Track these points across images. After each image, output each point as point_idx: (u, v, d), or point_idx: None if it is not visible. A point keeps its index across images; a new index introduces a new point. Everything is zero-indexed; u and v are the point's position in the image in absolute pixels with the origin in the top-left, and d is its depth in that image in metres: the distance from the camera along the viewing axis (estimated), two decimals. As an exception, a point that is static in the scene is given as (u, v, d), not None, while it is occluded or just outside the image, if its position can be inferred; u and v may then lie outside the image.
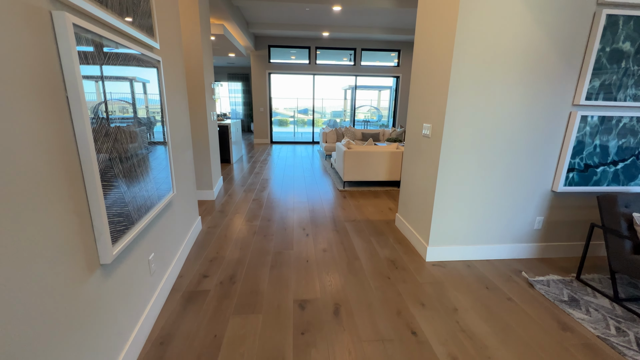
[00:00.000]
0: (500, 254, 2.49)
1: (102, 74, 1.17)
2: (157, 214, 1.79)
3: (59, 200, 0.95)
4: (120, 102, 1.32)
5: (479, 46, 2.04)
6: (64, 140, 0.98)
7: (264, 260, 2.40)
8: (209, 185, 3.82)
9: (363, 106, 13.02)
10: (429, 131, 2.40)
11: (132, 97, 1.45)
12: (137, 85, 1.51)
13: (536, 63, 2.10)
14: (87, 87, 1.06)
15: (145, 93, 1.63)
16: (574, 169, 2.31)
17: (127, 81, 1.40)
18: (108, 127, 1.20)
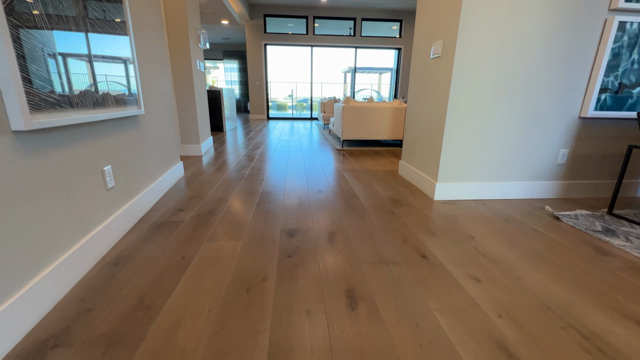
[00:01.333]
0: (519, 192, 2.20)
1: None
2: (114, 123, 1.49)
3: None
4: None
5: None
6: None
7: (251, 198, 2.11)
8: (195, 140, 3.51)
9: (363, 89, 12.61)
10: (439, 48, 2.08)
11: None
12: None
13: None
14: None
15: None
16: (607, 89, 1.99)
17: None
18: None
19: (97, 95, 1.31)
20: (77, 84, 1.17)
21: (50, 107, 1.01)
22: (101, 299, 1.06)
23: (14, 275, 0.88)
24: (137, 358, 0.82)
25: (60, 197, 1.09)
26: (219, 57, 12.02)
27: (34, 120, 0.94)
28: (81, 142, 1.22)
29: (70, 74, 1.14)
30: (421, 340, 0.90)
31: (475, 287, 1.16)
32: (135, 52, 1.70)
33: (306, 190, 2.32)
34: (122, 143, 1.57)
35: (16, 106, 0.87)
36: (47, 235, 1.01)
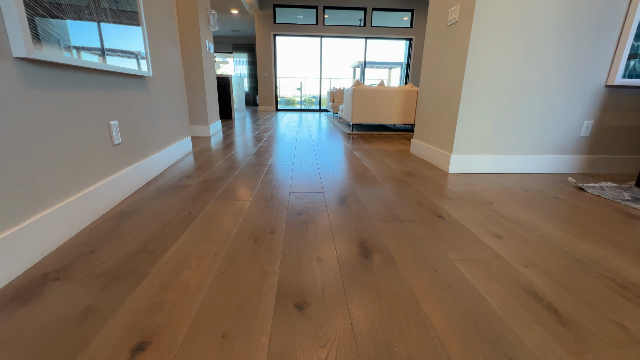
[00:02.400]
0: (539, 166, 2.09)
1: None
2: (122, 79, 1.46)
3: None
4: None
5: None
6: None
7: (259, 169, 2.07)
8: (204, 121, 3.49)
9: (373, 84, 12.45)
10: (456, 14, 1.99)
11: None
12: None
13: None
14: None
15: None
16: (637, 54, 1.87)
17: None
18: None
19: (108, 49, 1.27)
20: (83, 40, 1.14)
21: (55, 43, 0.98)
22: (105, 243, 1.02)
23: (15, 206, 0.85)
24: (139, 291, 0.78)
25: (63, 140, 1.05)
26: (228, 50, 12.05)
27: (37, 50, 0.90)
28: (87, 89, 1.19)
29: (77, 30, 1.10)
30: (441, 284, 0.84)
31: (496, 242, 1.09)
32: (144, 16, 1.67)
33: (315, 164, 2.27)
34: (130, 102, 1.54)
35: (18, 31, 0.84)
36: (48, 175, 0.98)
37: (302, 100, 13.21)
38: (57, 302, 0.73)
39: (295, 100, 13.63)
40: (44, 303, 0.73)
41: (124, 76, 1.49)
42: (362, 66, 9.46)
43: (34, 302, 0.73)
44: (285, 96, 11.98)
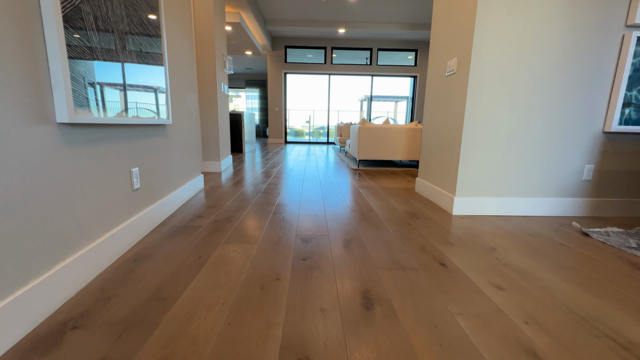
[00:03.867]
0: (543, 209, 2.11)
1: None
2: (146, 127, 1.60)
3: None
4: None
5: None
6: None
7: (266, 209, 2.14)
8: (216, 157, 3.65)
9: (379, 117, 12.86)
10: (454, 65, 2.13)
11: None
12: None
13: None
14: None
15: None
16: (631, 103, 1.95)
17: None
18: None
19: (135, 106, 1.42)
20: (114, 98, 1.29)
21: (91, 106, 1.11)
22: (120, 288, 1.08)
23: (41, 258, 0.92)
24: (151, 342, 0.82)
25: (90, 190, 1.15)
26: (241, 85, 12.72)
27: (76, 115, 1.03)
28: (114, 142, 1.31)
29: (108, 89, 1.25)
30: (441, 340, 0.85)
31: (498, 294, 1.10)
32: (168, 72, 1.85)
33: (322, 203, 2.33)
34: (150, 149, 1.67)
35: (63, 101, 0.97)
36: (74, 224, 1.07)
37: (311, 132, 13.62)
38: (75, 352, 0.78)
39: (304, 131, 14.06)
40: (63, 352, 0.78)
41: (147, 126, 1.63)
42: (368, 100, 9.83)
43: (53, 352, 0.78)
44: (294, 127, 12.41)
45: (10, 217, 0.81)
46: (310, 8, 6.58)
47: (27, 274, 0.86)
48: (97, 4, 1.15)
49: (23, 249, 0.85)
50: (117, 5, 1.29)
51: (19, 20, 0.83)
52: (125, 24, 1.36)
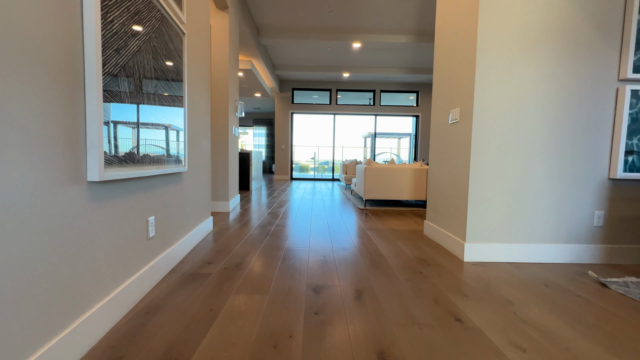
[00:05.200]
0: (556, 256, 2.08)
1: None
2: (163, 177, 1.67)
3: (49, 85, 0.86)
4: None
5: (504, 23, 1.98)
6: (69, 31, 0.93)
7: (276, 254, 2.14)
8: (224, 197, 3.71)
9: (383, 153, 13.15)
10: (457, 115, 2.24)
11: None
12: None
13: (571, 37, 1.98)
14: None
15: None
16: (633, 151, 2.00)
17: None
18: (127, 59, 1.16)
19: (152, 156, 1.50)
20: (141, 147, 1.37)
21: (117, 162, 1.18)
22: (131, 346, 1.06)
23: (63, 314, 0.93)
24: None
25: (109, 243, 1.19)
26: (249, 124, 13.22)
27: (106, 172, 1.09)
28: (134, 193, 1.37)
29: (140, 139, 1.34)
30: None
31: (519, 356, 1.06)
32: (187, 119, 1.97)
33: (330, 247, 2.32)
34: (166, 196, 1.73)
35: (95, 161, 1.04)
36: (94, 278, 1.08)
37: (316, 167, 13.87)
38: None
39: (309, 166, 14.33)
40: (74, 423, 0.75)
41: (165, 175, 1.70)
42: (372, 136, 10.11)
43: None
44: (299, 162, 12.68)
45: (38, 274, 0.83)
46: (316, 55, 7.04)
47: (49, 331, 0.87)
48: (132, 74, 1.27)
49: (49, 304, 0.86)
50: (148, 70, 1.42)
51: (67, 93, 0.93)
52: (152, 86, 1.49)
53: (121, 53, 1.18)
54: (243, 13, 4.47)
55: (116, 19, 1.15)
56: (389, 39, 5.76)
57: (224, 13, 3.55)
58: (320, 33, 5.72)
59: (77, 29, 0.97)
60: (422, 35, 5.72)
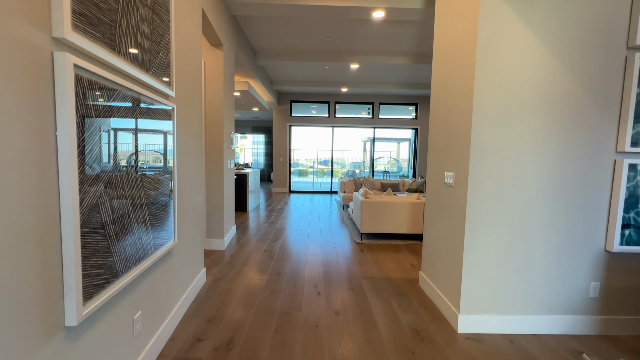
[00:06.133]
0: (551, 327, 2.06)
1: (109, 124, 1.14)
2: (151, 265, 1.64)
3: (22, 241, 0.83)
4: (123, 150, 1.27)
5: (500, 95, 1.94)
6: (42, 177, 0.90)
7: (268, 322, 2.11)
8: (220, 235, 3.68)
9: (382, 157, 13.15)
10: (452, 180, 2.20)
11: (134, 141, 1.41)
12: (142, 125, 1.48)
13: (568, 109, 1.95)
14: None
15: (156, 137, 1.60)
16: (630, 224, 1.97)
17: (132, 119, 1.37)
18: (99, 173, 1.13)
19: (142, 247, 1.47)
20: (127, 248, 1.34)
21: (99, 289, 1.15)
22: None
23: None
24: None
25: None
26: (247, 131, 13.16)
27: (85, 311, 1.06)
28: (118, 303, 1.34)
29: (125, 244, 1.31)
30: None
31: None
32: (176, 203, 1.93)
33: (324, 309, 2.30)
34: (153, 282, 1.70)
35: (73, 306, 1.00)
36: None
37: (314, 171, 13.91)
38: None
39: (308, 171, 14.37)
40: None
41: (152, 264, 1.67)
42: (371, 141, 10.09)
43: None
44: (299, 160, 12.75)
45: None
46: (314, 72, 6.98)
47: None
48: (113, 215, 1.24)
49: None
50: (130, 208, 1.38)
51: (41, 247, 0.89)
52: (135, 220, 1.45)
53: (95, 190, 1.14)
54: (239, 42, 4.41)
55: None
56: (387, 61, 5.70)
57: (219, 50, 3.49)
58: (317, 55, 5.66)
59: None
60: (419, 57, 5.66)
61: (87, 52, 1.05)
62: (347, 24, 4.43)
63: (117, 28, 1.23)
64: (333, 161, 9.79)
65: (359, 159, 13.69)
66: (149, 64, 1.52)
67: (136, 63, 1.38)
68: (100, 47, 1.11)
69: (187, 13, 2.20)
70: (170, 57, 1.78)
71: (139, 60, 1.41)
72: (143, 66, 1.45)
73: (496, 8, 1.90)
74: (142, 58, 1.44)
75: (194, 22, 2.35)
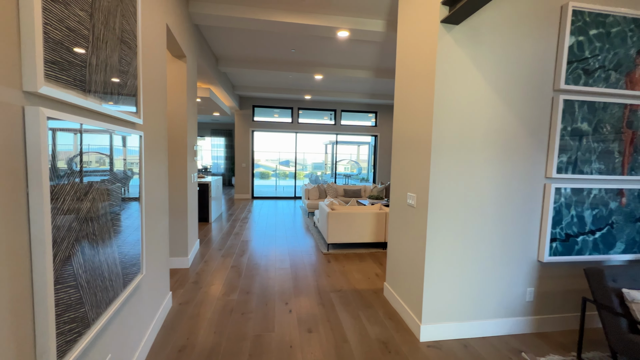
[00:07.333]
0: (496, 329, 2.36)
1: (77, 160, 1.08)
2: (121, 304, 1.57)
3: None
4: (97, 183, 1.22)
5: (456, 126, 2.17)
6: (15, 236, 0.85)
7: (242, 347, 2.12)
8: (183, 252, 3.55)
9: (343, 160, 13.57)
10: (413, 201, 2.41)
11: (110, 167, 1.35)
12: (109, 161, 1.42)
13: (509, 140, 2.25)
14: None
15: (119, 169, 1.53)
16: (556, 238, 2.34)
17: (102, 156, 1.31)
18: (72, 224, 1.08)
19: (112, 287, 1.40)
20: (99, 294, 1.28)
21: (72, 343, 1.10)
22: None
23: None
24: None
25: None
26: (206, 134, 12.63)
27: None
28: (90, 349, 1.28)
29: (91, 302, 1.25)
30: None
31: None
32: (144, 231, 1.86)
33: (297, 327, 2.36)
34: (122, 321, 1.62)
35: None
36: None
37: (277, 174, 13.85)
38: None
39: (270, 173, 14.26)
40: None
41: (123, 300, 1.60)
42: (333, 144, 10.34)
43: None
44: (258, 162, 12.57)
45: None
46: (278, 80, 6.97)
47: None
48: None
49: None
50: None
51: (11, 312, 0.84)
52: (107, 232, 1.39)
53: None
54: (201, 50, 4.27)
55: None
56: (350, 74, 5.92)
57: (181, 62, 3.37)
58: (282, 65, 5.67)
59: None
60: (380, 72, 5.96)
61: (59, 101, 1.00)
62: (313, 39, 4.52)
63: (88, 67, 1.18)
64: (296, 163, 9.83)
65: (320, 160, 13.94)
66: (118, 97, 1.46)
67: (105, 99, 1.33)
68: (72, 91, 1.07)
69: (153, 33, 2.11)
70: (137, 83, 1.71)
71: (108, 95, 1.36)
72: (112, 100, 1.39)
73: (452, 50, 2.12)
74: (111, 92, 1.38)
75: (159, 40, 2.27)
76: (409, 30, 2.56)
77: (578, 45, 2.20)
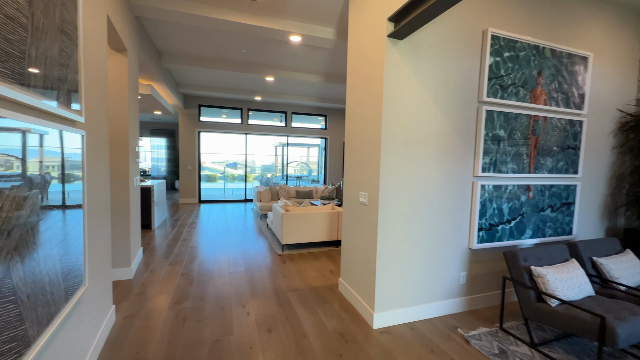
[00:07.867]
0: (437, 311, 2.66)
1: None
2: (60, 323, 1.42)
3: None
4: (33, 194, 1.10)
5: (402, 129, 2.42)
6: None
7: (199, 354, 2.06)
8: (126, 262, 3.26)
9: (294, 161, 13.64)
10: (365, 199, 2.60)
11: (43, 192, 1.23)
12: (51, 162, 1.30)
13: (445, 143, 2.57)
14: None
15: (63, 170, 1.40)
16: (482, 228, 2.73)
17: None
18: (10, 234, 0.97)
19: (52, 302, 1.27)
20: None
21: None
22: None
23: None
24: None
25: None
26: (145, 134, 11.62)
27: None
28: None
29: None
30: None
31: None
32: (87, 230, 1.71)
33: (256, 328, 2.37)
34: (61, 341, 1.47)
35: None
36: None
37: (224, 176, 13.32)
38: None
39: (217, 176, 13.64)
40: None
41: (63, 318, 1.45)
42: (284, 146, 10.37)
43: None
44: (204, 164, 11.95)
45: None
46: (226, 79, 6.78)
47: None
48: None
49: None
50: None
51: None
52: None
53: (13, 235, 0.98)
54: (142, 43, 3.98)
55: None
56: (301, 77, 6.03)
57: (122, 56, 3.11)
58: (231, 64, 5.55)
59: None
60: (330, 77, 6.20)
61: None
62: (265, 41, 4.53)
63: (27, 59, 1.07)
64: (246, 165, 9.62)
65: (270, 162, 13.81)
66: (58, 92, 1.34)
67: (45, 95, 1.21)
68: (10, 85, 0.97)
69: (93, 24, 1.94)
70: (79, 77, 1.58)
71: (49, 90, 1.24)
72: (52, 96, 1.28)
73: (397, 62, 2.36)
74: (51, 87, 1.27)
75: (100, 32, 2.09)
76: (358, 41, 2.76)
77: (496, 64, 2.62)
